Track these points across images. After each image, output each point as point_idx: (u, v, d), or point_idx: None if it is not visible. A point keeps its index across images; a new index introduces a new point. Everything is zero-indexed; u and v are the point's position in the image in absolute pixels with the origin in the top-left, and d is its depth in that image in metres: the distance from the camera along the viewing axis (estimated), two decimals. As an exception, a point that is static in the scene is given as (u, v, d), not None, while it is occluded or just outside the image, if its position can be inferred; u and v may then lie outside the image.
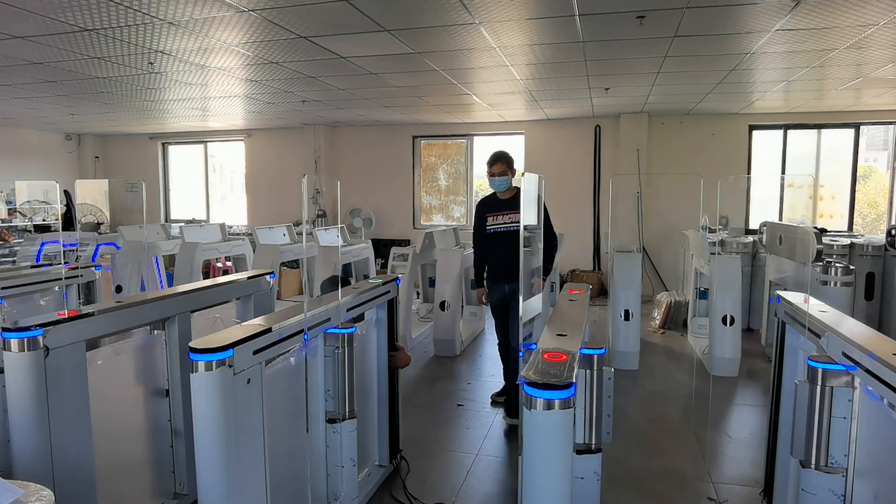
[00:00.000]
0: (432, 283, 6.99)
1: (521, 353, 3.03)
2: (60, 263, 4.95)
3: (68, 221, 9.52)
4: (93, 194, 10.60)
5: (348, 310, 2.85)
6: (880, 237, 7.08)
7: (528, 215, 3.14)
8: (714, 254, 5.69)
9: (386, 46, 4.74)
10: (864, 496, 2.18)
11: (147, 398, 2.86)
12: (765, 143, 8.77)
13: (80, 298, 4.46)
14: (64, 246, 6.20)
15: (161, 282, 6.88)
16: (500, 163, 4.18)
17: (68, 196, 10.08)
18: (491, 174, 4.20)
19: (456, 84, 6.34)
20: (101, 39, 4.49)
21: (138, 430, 2.82)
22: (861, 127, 8.42)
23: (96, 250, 6.62)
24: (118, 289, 6.00)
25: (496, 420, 4.29)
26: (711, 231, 6.70)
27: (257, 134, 10.62)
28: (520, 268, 2.96)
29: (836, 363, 2.20)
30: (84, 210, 9.98)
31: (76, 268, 4.43)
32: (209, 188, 11.30)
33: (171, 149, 11.48)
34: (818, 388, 2.21)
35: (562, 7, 3.83)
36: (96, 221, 10.09)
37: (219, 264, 8.60)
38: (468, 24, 4.18)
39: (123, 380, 2.77)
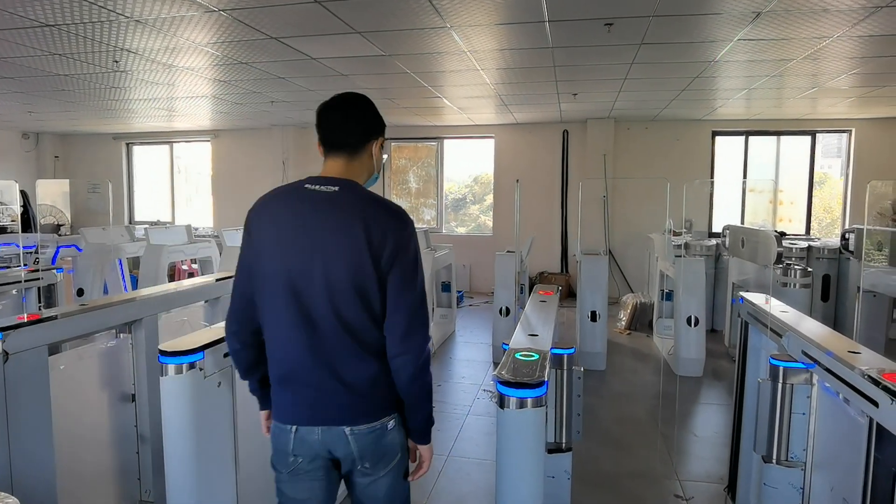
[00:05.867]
0: (403, 285, 6.96)
1: None
2: (18, 266, 4.80)
3: (26, 223, 9.22)
4: (52, 195, 10.28)
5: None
6: (835, 241, 7.35)
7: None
8: (678, 256, 5.82)
9: (357, 48, 4.73)
10: (821, 488, 2.26)
11: (112, 403, 2.79)
12: (727, 149, 9.02)
13: (39, 302, 4.34)
14: (23, 248, 6.00)
15: (125, 285, 6.72)
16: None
17: (25, 196, 9.76)
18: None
19: (426, 87, 6.36)
20: (64, 36, 4.37)
21: (103, 437, 2.76)
22: (817, 135, 8.74)
23: (56, 252, 6.43)
24: (80, 292, 5.84)
25: (467, 422, 4.31)
26: (676, 234, 6.86)
27: (224, 135, 10.46)
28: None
29: (797, 361, 2.28)
30: (43, 211, 9.68)
31: (35, 270, 4.31)
32: (175, 189, 11.09)
33: (136, 149, 11.22)
34: (779, 386, 2.29)
35: (532, 13, 3.89)
36: (56, 223, 9.80)
37: (184, 267, 8.43)
38: (439, 28, 4.20)
39: (88, 385, 2.70)
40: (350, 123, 1.73)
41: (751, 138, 8.87)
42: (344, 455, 1.66)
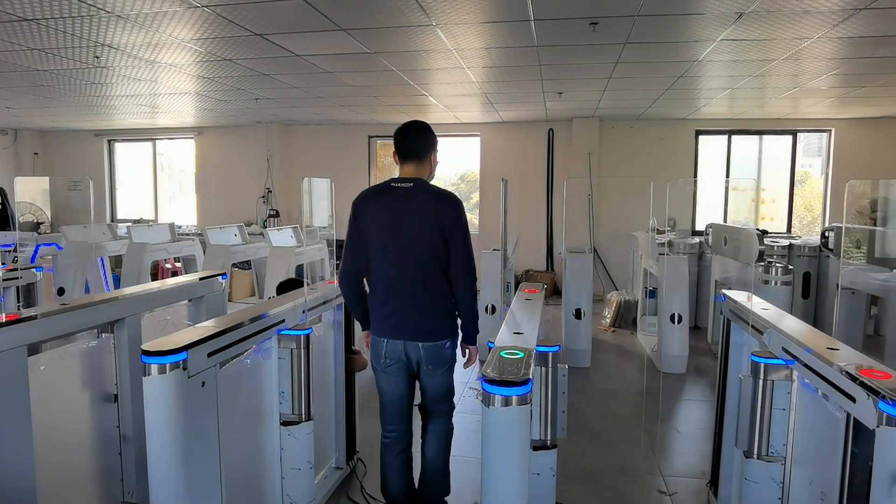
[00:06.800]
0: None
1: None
2: (-4, 265, 4.72)
3: (4, 221, 9.07)
4: (32, 193, 10.11)
5: (305, 311, 2.82)
6: (815, 239, 7.45)
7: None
8: (662, 254, 5.87)
9: (342, 46, 4.71)
10: (801, 482, 2.30)
11: (94, 404, 2.76)
12: (710, 148, 9.11)
13: (18, 301, 4.27)
14: (1, 247, 5.90)
15: (107, 284, 6.64)
16: None
17: (3, 194, 9.59)
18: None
19: (412, 85, 6.35)
20: (43, 30, 4.30)
21: (85, 438, 2.72)
22: (798, 134, 8.86)
23: (35, 251, 6.34)
24: (60, 291, 5.75)
25: (453, 420, 4.31)
26: (660, 232, 6.91)
27: (208, 132, 10.36)
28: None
29: (777, 358, 2.31)
30: (22, 209, 9.52)
31: (15, 269, 4.24)
32: (157, 187, 10.96)
33: (118, 146, 11.07)
34: (760, 382, 2.33)
35: (517, 11, 3.90)
36: (36, 221, 9.64)
37: (168, 265, 8.35)
38: (425, 26, 4.20)
39: (69, 386, 2.66)
40: (419, 142, 2.65)
41: (733, 137, 8.96)
42: (416, 358, 2.62)
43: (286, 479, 2.73)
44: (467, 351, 2.77)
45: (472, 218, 10.09)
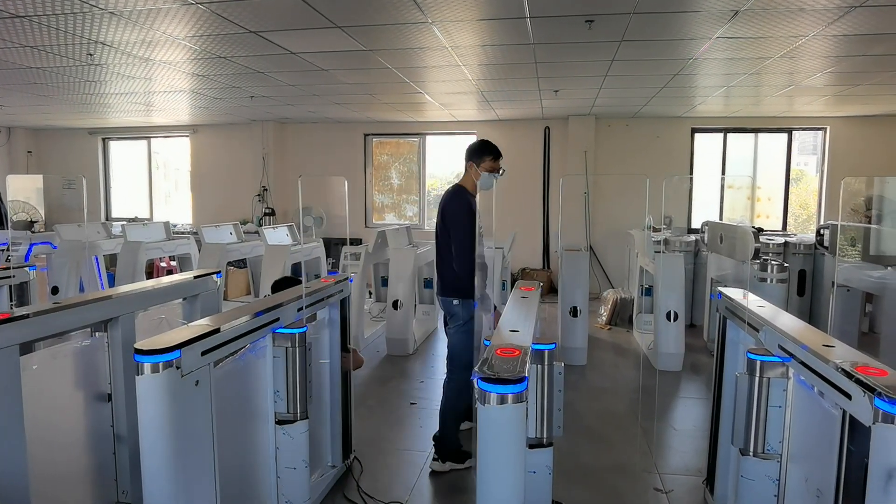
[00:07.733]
0: (385, 282, 6.97)
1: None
2: (-10, 263, 4.69)
3: (-3, 219, 9.01)
4: (25, 191, 10.07)
5: (300, 309, 2.81)
6: (810, 236, 7.47)
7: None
8: (658, 252, 5.87)
9: (337, 43, 4.70)
10: (796, 480, 2.30)
11: (88, 403, 2.74)
12: (706, 146, 9.12)
13: (11, 300, 4.24)
14: (-7, 245, 5.87)
15: (101, 282, 6.61)
16: None
17: (-2, 193, 9.54)
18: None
19: (408, 83, 6.33)
20: (35, 27, 4.27)
21: (78, 437, 2.71)
22: (793, 132, 8.87)
23: (29, 250, 6.31)
24: (54, 290, 5.73)
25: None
26: (656, 230, 6.92)
27: (203, 130, 10.32)
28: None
29: (773, 355, 2.31)
30: (16, 207, 9.48)
31: (7, 268, 4.21)
32: (152, 186, 10.92)
33: (112, 144, 11.02)
34: (756, 380, 2.33)
35: (513, 9, 3.89)
36: (29, 219, 9.60)
37: (163, 264, 8.33)
38: (421, 23, 4.18)
39: (62, 385, 2.65)
40: (465, 156, 3.59)
41: (729, 135, 8.97)
42: (441, 310, 3.63)
43: (281, 479, 2.72)
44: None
45: (469, 216, 10.06)
